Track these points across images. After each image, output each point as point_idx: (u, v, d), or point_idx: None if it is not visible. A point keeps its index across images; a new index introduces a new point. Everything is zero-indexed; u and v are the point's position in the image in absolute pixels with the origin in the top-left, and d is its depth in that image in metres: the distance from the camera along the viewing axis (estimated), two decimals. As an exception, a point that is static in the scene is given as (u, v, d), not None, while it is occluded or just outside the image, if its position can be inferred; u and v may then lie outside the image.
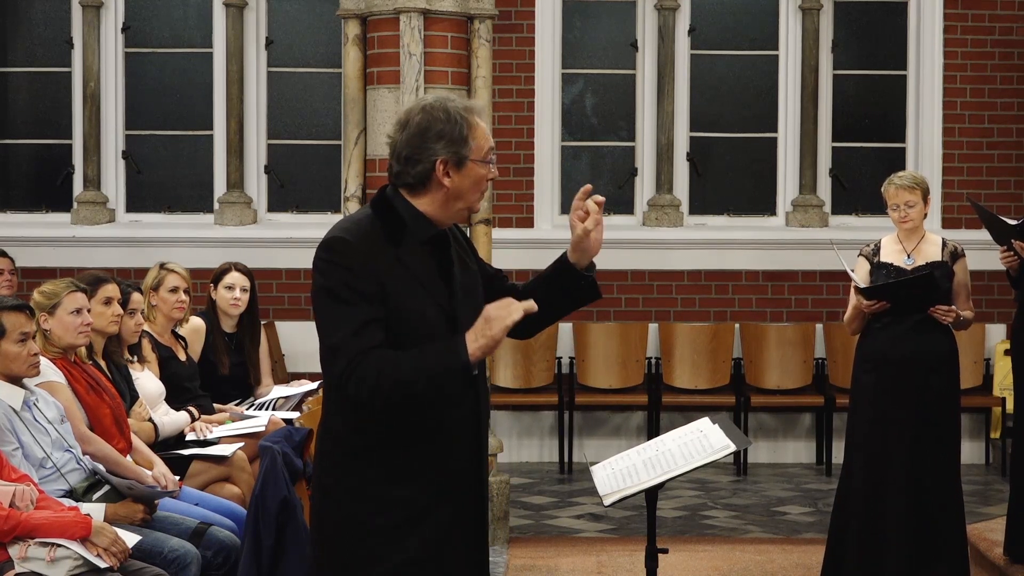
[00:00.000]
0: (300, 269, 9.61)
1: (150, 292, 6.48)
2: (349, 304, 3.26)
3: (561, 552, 7.18)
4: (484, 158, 3.38)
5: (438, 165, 3.34)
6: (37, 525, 4.40)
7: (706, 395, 9.55)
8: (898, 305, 5.94)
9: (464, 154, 3.35)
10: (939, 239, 6.17)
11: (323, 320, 3.33)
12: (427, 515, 3.32)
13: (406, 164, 3.37)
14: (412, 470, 3.31)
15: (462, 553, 3.40)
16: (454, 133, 3.34)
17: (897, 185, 6.05)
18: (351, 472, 3.33)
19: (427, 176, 3.35)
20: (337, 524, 3.36)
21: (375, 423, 3.31)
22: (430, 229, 3.39)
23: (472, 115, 3.38)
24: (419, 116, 3.36)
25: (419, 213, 3.37)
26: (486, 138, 3.39)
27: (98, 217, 9.75)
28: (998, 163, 9.77)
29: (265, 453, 5.30)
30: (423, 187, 3.37)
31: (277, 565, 5.11)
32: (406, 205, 3.38)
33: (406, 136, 3.37)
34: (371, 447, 3.32)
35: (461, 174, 3.36)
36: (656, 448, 4.29)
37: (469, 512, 3.42)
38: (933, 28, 9.72)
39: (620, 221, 9.90)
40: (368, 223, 3.36)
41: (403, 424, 3.30)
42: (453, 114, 3.35)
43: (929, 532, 5.96)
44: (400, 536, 3.31)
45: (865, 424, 6.06)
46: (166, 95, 9.90)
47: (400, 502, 3.31)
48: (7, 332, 4.79)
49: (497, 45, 8.24)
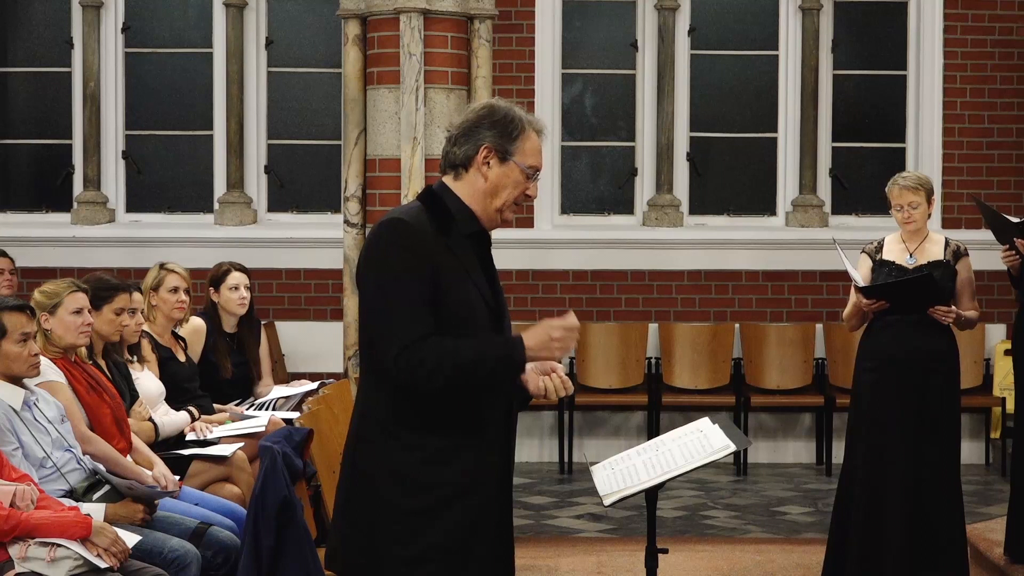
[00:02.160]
0: (300, 269, 9.62)
1: (150, 292, 6.49)
2: (407, 283, 3.31)
3: (561, 552, 7.18)
4: (527, 166, 3.45)
5: (482, 150, 3.42)
6: (37, 525, 4.40)
7: (706, 395, 9.55)
8: (898, 305, 5.94)
9: (509, 150, 3.43)
10: (942, 238, 6.16)
11: (376, 297, 3.35)
12: (457, 501, 3.38)
13: (455, 144, 3.46)
14: (449, 455, 3.37)
15: (487, 544, 3.45)
16: (507, 129, 3.43)
17: (901, 186, 6.04)
18: (390, 454, 3.37)
19: (469, 159, 3.43)
20: (368, 507, 3.39)
21: (417, 407, 3.35)
22: (475, 224, 3.46)
23: (532, 126, 3.48)
24: (483, 108, 3.49)
25: (465, 207, 3.44)
26: (536, 150, 3.48)
27: (98, 217, 9.75)
28: (998, 163, 9.77)
29: (265, 453, 5.29)
30: (464, 170, 3.45)
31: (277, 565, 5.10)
32: (453, 198, 3.45)
33: (463, 120, 3.49)
34: (413, 428, 3.36)
35: (501, 169, 3.43)
36: (656, 448, 4.29)
37: (495, 504, 3.48)
38: (933, 28, 9.72)
39: (620, 221, 9.90)
40: (420, 212, 3.42)
41: (445, 409, 3.36)
42: (513, 116, 3.46)
43: (929, 532, 5.96)
44: (429, 520, 3.36)
45: (865, 423, 6.06)
46: (166, 95, 9.90)
47: (434, 486, 3.36)
48: (8, 332, 4.79)
49: (497, 45, 8.24)
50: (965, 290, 6.07)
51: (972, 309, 6.07)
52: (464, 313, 3.35)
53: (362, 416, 3.46)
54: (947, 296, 6.00)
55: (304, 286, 9.63)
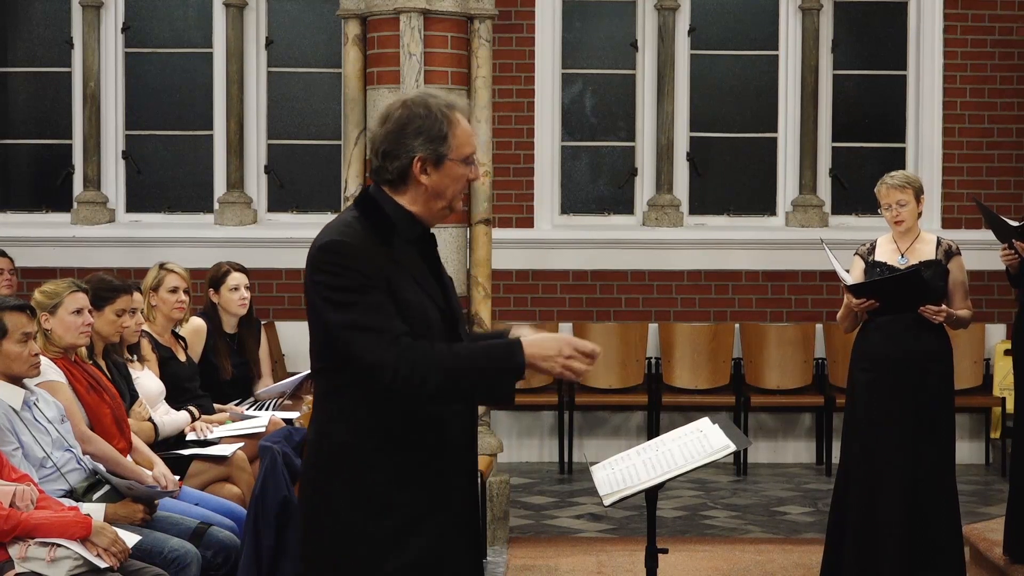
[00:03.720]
0: (300, 269, 9.42)
1: (150, 292, 6.48)
2: (368, 296, 3.16)
3: (561, 552, 7.18)
4: (464, 158, 3.29)
5: (416, 163, 3.24)
6: (37, 525, 4.40)
7: (706, 395, 9.56)
8: (887, 304, 5.92)
9: (443, 152, 3.25)
10: (934, 238, 6.16)
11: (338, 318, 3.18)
12: (426, 519, 3.26)
13: (384, 159, 3.27)
14: (413, 474, 3.25)
15: (458, 558, 3.36)
16: (433, 130, 3.24)
17: (889, 185, 6.05)
18: (353, 477, 3.24)
19: (405, 172, 3.26)
20: (334, 533, 3.27)
21: (378, 426, 3.24)
22: (417, 228, 3.32)
23: (454, 112, 3.27)
24: (399, 111, 3.27)
25: (405, 211, 3.28)
26: (468, 136, 3.28)
27: (98, 217, 9.75)
28: (998, 163, 9.77)
29: (265, 453, 5.30)
30: (403, 183, 3.28)
31: (277, 565, 5.11)
32: (392, 203, 3.29)
33: (384, 131, 3.27)
34: (377, 448, 3.24)
35: (440, 172, 3.26)
36: (656, 448, 4.29)
37: (464, 517, 3.38)
38: (933, 28, 9.72)
39: (620, 221, 9.90)
40: (358, 224, 3.27)
41: (406, 427, 3.25)
42: (434, 110, 3.25)
43: (926, 532, 5.95)
44: (398, 541, 3.24)
45: (860, 423, 6.06)
46: (166, 95, 9.90)
47: (401, 506, 3.24)
48: (9, 332, 4.80)
49: (497, 45, 8.23)
50: (958, 289, 6.06)
51: (965, 308, 6.06)
52: (417, 322, 3.21)
53: (321, 439, 3.31)
54: (938, 295, 5.99)
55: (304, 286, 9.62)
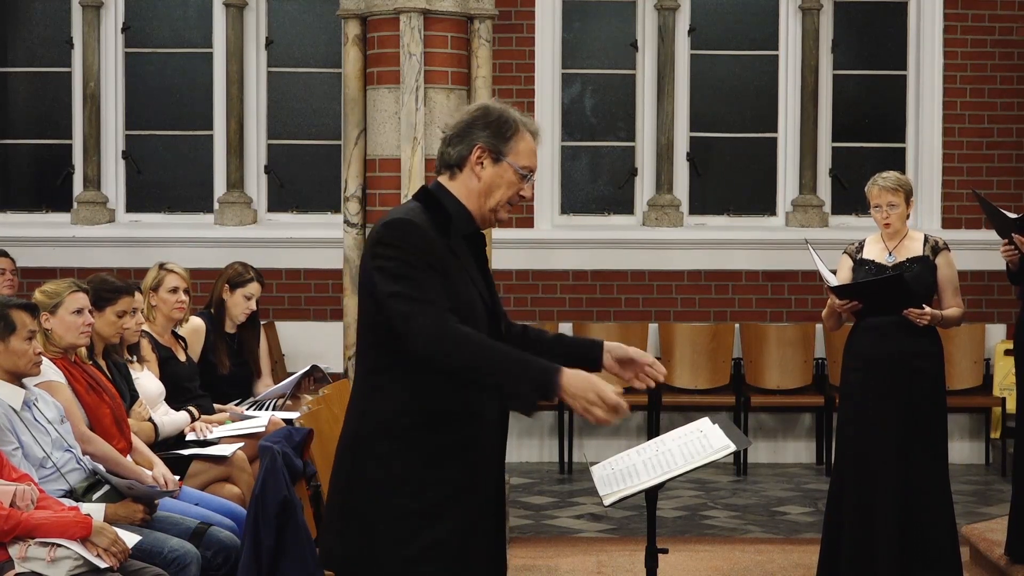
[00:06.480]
0: (300, 269, 9.62)
1: (150, 292, 6.48)
2: (424, 273, 3.29)
3: (561, 552, 7.18)
4: (522, 166, 3.45)
5: (475, 150, 3.43)
6: (37, 525, 4.40)
7: (706, 395, 9.56)
8: (871, 306, 5.92)
9: (503, 150, 3.43)
10: (921, 235, 6.15)
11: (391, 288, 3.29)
12: (457, 500, 3.37)
13: (449, 144, 3.47)
14: (447, 456, 3.36)
15: (483, 543, 3.45)
16: (500, 130, 3.43)
17: (880, 186, 6.05)
18: (389, 454, 3.35)
19: (463, 159, 3.44)
20: (365, 508, 3.38)
21: (418, 408, 3.34)
22: (471, 224, 3.47)
23: (526, 127, 3.48)
24: (478, 109, 3.50)
25: (462, 207, 3.45)
26: (531, 151, 3.48)
27: (98, 217, 9.75)
28: (998, 163, 9.77)
29: (265, 453, 5.29)
30: (459, 170, 3.45)
31: (277, 565, 5.11)
32: (450, 198, 3.46)
33: (457, 121, 3.49)
34: (414, 428, 3.35)
35: (495, 169, 3.44)
36: (656, 448, 4.29)
37: (491, 503, 3.48)
38: (933, 28, 9.73)
39: (620, 221, 9.90)
40: (420, 213, 3.42)
41: (445, 410, 3.36)
42: (508, 117, 3.46)
43: (921, 532, 5.95)
44: (428, 520, 3.34)
45: (853, 423, 6.06)
46: (166, 95, 9.90)
47: (434, 484, 3.35)
48: (17, 329, 4.81)
49: (497, 45, 8.23)
50: (947, 286, 6.04)
51: (955, 306, 6.03)
52: (466, 314, 3.34)
53: (361, 415, 3.43)
54: (923, 295, 5.97)
55: (304, 286, 9.63)
